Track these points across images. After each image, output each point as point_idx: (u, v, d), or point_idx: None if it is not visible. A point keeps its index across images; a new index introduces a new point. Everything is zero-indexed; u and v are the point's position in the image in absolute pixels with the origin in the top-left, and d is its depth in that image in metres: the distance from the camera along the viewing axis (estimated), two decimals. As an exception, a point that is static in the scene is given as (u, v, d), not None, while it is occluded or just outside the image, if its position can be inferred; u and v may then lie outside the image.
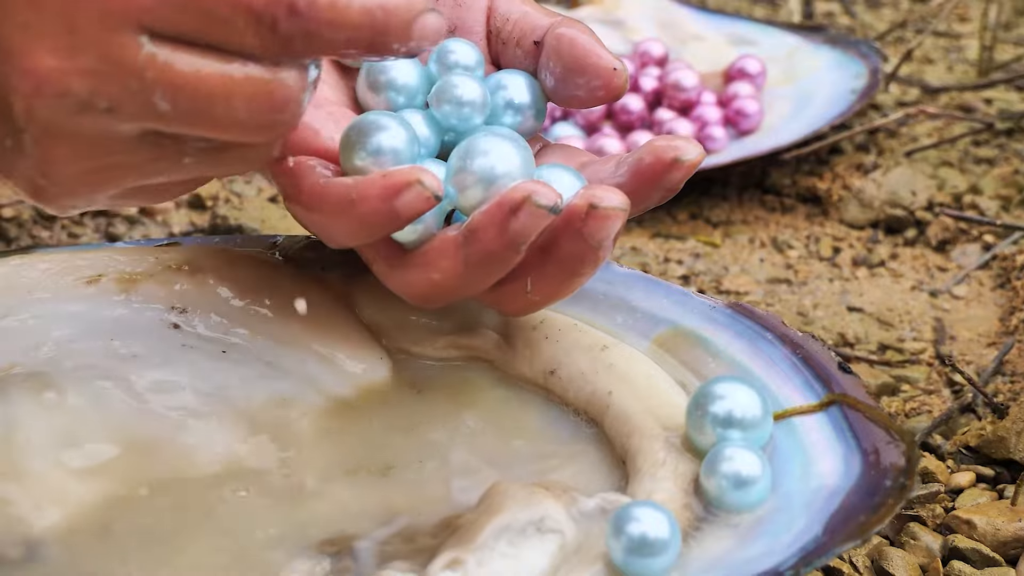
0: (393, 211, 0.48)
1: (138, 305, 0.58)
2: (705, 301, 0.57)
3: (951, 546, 0.58)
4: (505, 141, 0.50)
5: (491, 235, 0.48)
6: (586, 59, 0.54)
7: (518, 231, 0.48)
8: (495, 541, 0.45)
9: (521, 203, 0.47)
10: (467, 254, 0.49)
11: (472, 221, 0.49)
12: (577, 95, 0.55)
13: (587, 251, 0.49)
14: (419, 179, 0.48)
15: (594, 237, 0.49)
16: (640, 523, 0.44)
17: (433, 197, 0.48)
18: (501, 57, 0.58)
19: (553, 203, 0.47)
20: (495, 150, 0.50)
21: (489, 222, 0.48)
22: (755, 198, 0.95)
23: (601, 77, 0.54)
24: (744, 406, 0.49)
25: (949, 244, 0.88)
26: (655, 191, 0.52)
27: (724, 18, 1.14)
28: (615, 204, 0.48)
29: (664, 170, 0.51)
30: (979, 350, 0.76)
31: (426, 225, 0.51)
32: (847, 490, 0.47)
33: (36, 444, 0.50)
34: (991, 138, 1.02)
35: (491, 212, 0.48)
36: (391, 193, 0.48)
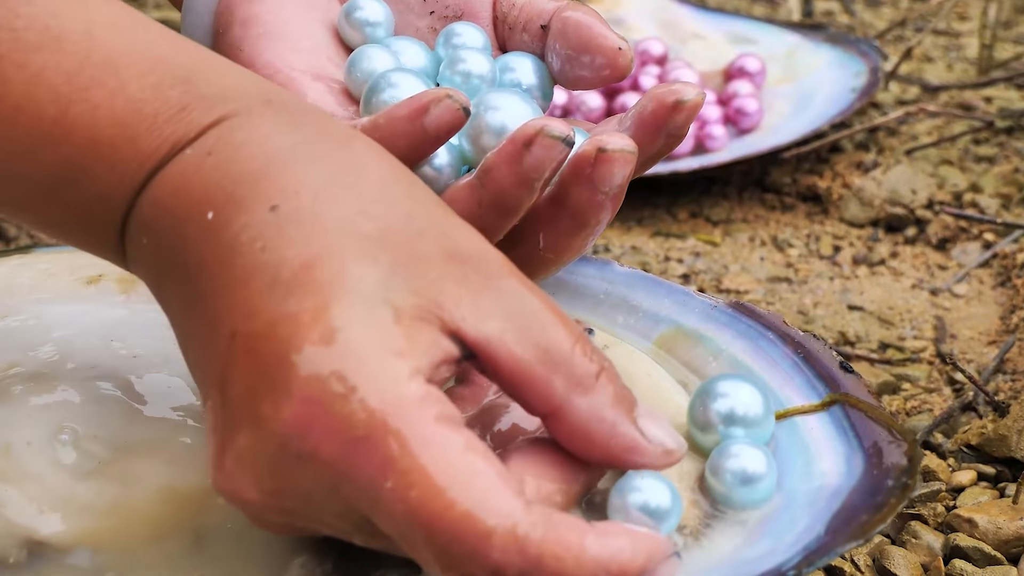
0: (423, 130, 0.48)
1: (139, 305, 0.58)
2: (706, 300, 0.57)
3: (952, 545, 0.58)
4: (515, 96, 0.51)
5: (505, 172, 0.48)
6: (592, 40, 0.54)
7: (532, 165, 0.48)
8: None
9: (534, 136, 0.47)
10: (482, 196, 0.49)
11: (486, 161, 0.49)
12: (583, 75, 0.55)
13: (598, 198, 0.49)
14: (448, 93, 0.48)
15: (604, 182, 0.49)
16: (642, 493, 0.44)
17: (461, 110, 0.48)
18: (508, 42, 0.58)
19: (565, 134, 0.47)
20: (506, 105, 0.51)
21: (503, 159, 0.48)
22: (755, 197, 0.95)
23: (607, 56, 0.54)
24: (746, 404, 0.49)
25: (949, 242, 0.88)
26: (660, 137, 0.51)
27: (724, 16, 1.14)
28: (622, 146, 0.48)
29: (667, 114, 0.51)
30: (980, 348, 0.76)
31: (446, 176, 0.51)
32: (849, 490, 0.47)
33: (36, 446, 0.50)
34: (991, 136, 1.02)
35: (504, 149, 0.48)
36: (420, 110, 0.48)
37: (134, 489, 0.49)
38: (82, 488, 0.49)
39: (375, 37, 0.57)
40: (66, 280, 0.58)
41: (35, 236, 0.85)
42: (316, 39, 0.56)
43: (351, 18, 0.57)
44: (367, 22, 0.57)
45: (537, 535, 0.39)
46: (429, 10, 0.59)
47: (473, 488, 0.39)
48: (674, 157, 0.94)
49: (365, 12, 0.57)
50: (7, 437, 0.50)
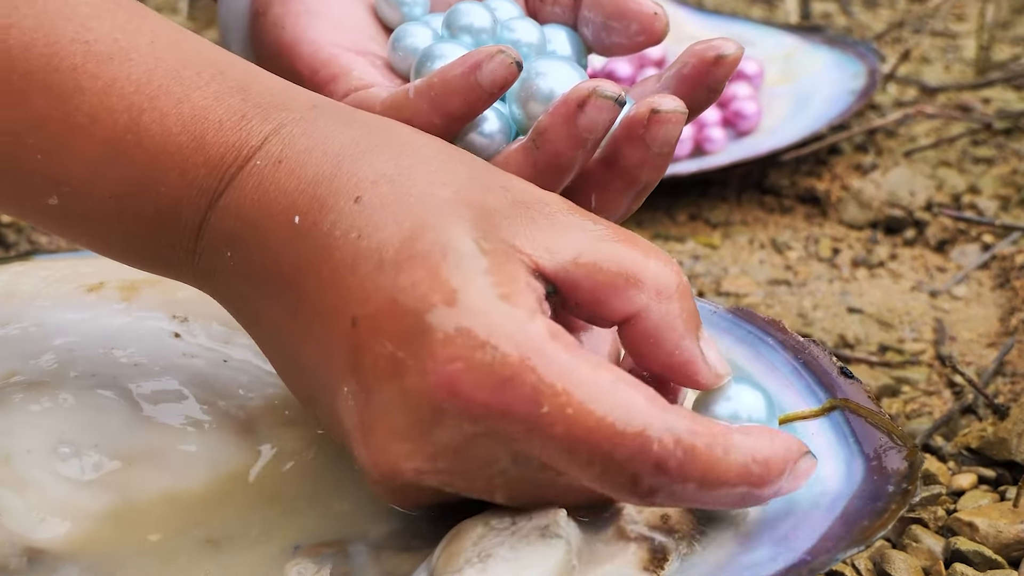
0: (477, 86, 0.50)
1: (139, 313, 0.58)
2: (706, 306, 0.57)
3: (953, 548, 0.58)
4: (563, 62, 0.52)
5: (561, 133, 0.50)
6: (626, 7, 0.55)
7: (586, 126, 0.49)
8: (497, 547, 0.45)
9: (587, 97, 0.49)
10: (536, 158, 0.50)
11: (540, 123, 0.50)
12: (619, 42, 0.56)
13: (650, 157, 0.51)
14: (500, 49, 0.49)
15: (657, 142, 0.50)
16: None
17: (515, 64, 0.49)
18: (539, 13, 0.59)
19: (617, 94, 0.49)
20: (554, 71, 0.52)
21: (558, 120, 0.50)
22: (754, 199, 0.95)
23: (641, 22, 0.55)
24: (750, 407, 0.49)
25: (948, 244, 0.88)
26: (701, 92, 0.53)
27: (722, 18, 1.14)
28: (674, 107, 0.50)
29: (708, 69, 0.52)
30: (979, 350, 0.76)
31: (496, 141, 0.52)
32: (850, 495, 0.47)
33: (36, 454, 0.50)
34: (989, 138, 1.02)
35: (558, 110, 0.50)
36: (474, 67, 0.49)
37: (134, 497, 0.49)
38: (82, 496, 0.49)
39: (412, 15, 0.58)
40: (67, 287, 0.58)
41: (34, 242, 0.85)
42: (356, 18, 0.58)
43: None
44: (404, 1, 0.58)
45: (687, 427, 0.42)
46: None
47: (618, 398, 0.42)
48: (673, 160, 0.94)
49: None
50: (7, 445, 0.50)
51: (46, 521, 0.48)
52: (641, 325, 0.46)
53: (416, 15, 0.58)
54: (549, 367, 0.42)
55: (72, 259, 0.60)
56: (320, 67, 0.55)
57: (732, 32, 1.11)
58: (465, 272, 0.43)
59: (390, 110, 0.52)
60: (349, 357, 0.44)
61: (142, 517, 0.49)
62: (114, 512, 0.49)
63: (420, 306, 0.43)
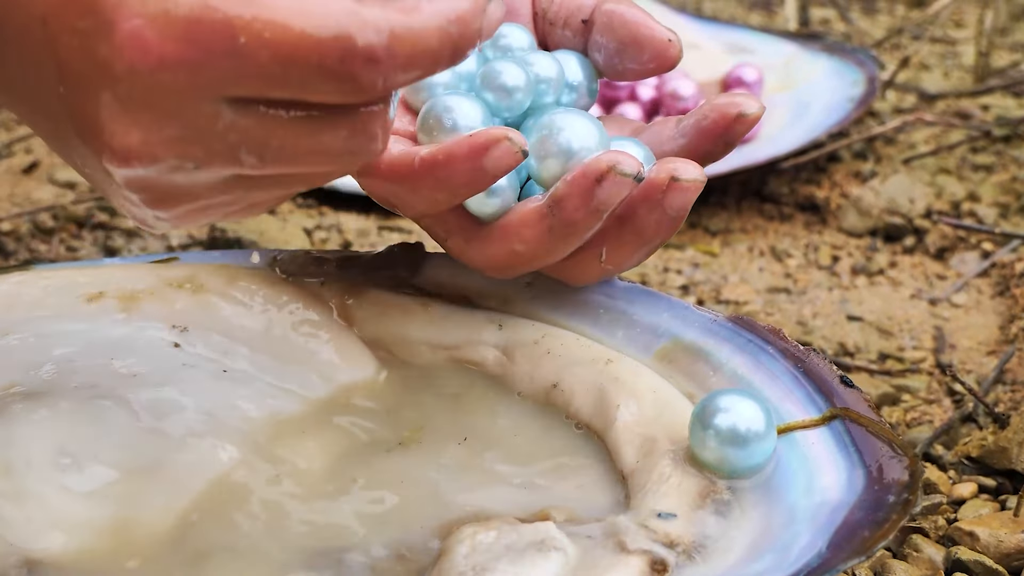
0: (481, 169, 0.50)
1: (139, 323, 0.57)
2: (706, 314, 0.57)
3: (954, 558, 0.58)
4: (581, 117, 0.53)
5: (576, 204, 0.51)
6: (639, 32, 0.56)
7: (602, 199, 0.50)
8: (495, 561, 0.44)
9: (606, 172, 0.50)
10: (552, 223, 0.52)
11: (557, 191, 0.51)
12: (631, 68, 0.57)
13: (665, 221, 0.52)
14: (507, 135, 0.50)
15: (673, 208, 0.52)
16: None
17: (520, 152, 0.50)
18: (548, 37, 0.59)
19: (636, 171, 0.50)
20: (572, 125, 0.53)
21: (575, 191, 0.51)
22: (753, 206, 0.95)
23: (655, 48, 0.56)
24: (748, 419, 0.49)
25: (948, 252, 0.88)
26: (718, 147, 0.54)
27: (721, 26, 1.15)
28: (695, 176, 0.52)
29: (728, 126, 0.54)
30: (979, 358, 0.76)
31: (504, 198, 0.53)
32: (850, 505, 0.47)
33: (36, 465, 0.50)
34: (988, 145, 1.02)
35: (576, 181, 0.51)
36: (479, 151, 0.50)
37: (134, 508, 0.49)
38: (82, 507, 0.49)
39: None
40: (67, 297, 0.58)
41: (34, 250, 0.85)
42: None
43: None
44: None
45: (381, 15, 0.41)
46: None
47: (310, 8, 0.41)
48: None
49: None
50: (7, 456, 0.50)
51: (45, 532, 0.48)
52: None
53: None
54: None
55: (71, 269, 0.60)
56: None
57: (731, 39, 1.11)
58: None
59: (396, 175, 0.52)
60: (51, 59, 0.42)
61: (141, 528, 0.49)
62: (113, 523, 0.49)
63: None
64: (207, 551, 0.48)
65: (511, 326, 0.58)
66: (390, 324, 0.58)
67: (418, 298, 0.59)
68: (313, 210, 0.93)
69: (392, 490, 0.52)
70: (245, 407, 0.54)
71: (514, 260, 0.54)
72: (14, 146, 1.01)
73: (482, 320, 0.58)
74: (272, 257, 0.61)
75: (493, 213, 0.54)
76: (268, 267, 0.61)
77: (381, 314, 0.59)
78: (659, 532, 0.47)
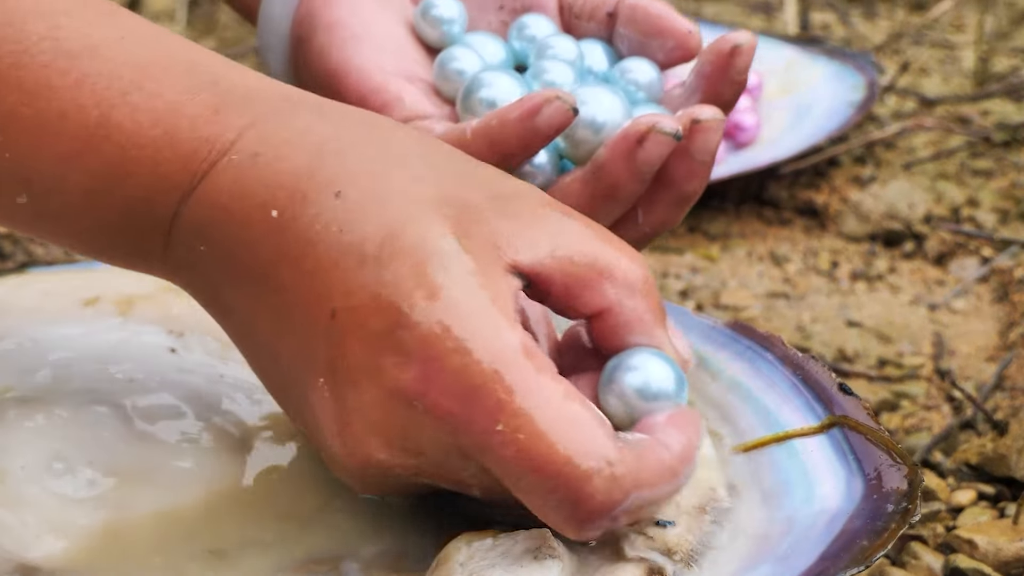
0: (534, 129, 0.51)
1: (135, 328, 0.57)
2: (704, 320, 0.56)
3: (953, 566, 0.57)
4: (605, 90, 0.54)
5: (620, 167, 0.52)
6: (661, 25, 0.58)
7: (645, 160, 0.52)
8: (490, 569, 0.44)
9: (647, 132, 0.51)
10: (595, 189, 0.53)
11: (599, 157, 0.53)
12: (655, 58, 0.59)
13: (695, 167, 0.54)
14: (557, 95, 0.51)
15: (700, 151, 0.53)
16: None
17: (571, 110, 0.51)
18: (574, 30, 0.61)
19: (676, 130, 0.51)
20: (596, 99, 0.54)
21: (616, 155, 0.52)
22: (753, 211, 0.95)
23: (677, 39, 0.58)
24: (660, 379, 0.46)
25: (947, 257, 0.88)
26: (726, 86, 0.56)
27: (721, 29, 1.14)
28: (713, 115, 0.53)
29: (728, 62, 0.55)
30: (978, 365, 0.76)
31: (546, 174, 0.54)
32: (849, 514, 0.46)
33: (31, 470, 0.49)
34: (988, 150, 1.02)
35: (617, 145, 0.52)
36: (532, 112, 0.51)
37: (129, 514, 0.49)
38: (77, 513, 0.49)
39: (451, 33, 0.60)
40: (63, 301, 0.58)
41: (31, 252, 0.85)
42: (398, 39, 0.59)
43: (428, 16, 0.60)
44: (443, 19, 0.59)
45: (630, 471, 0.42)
46: (499, 4, 0.62)
47: (574, 433, 0.42)
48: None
49: (440, 9, 0.60)
50: (2, 462, 0.50)
51: (41, 538, 0.48)
52: (612, 319, 0.46)
53: (455, 33, 0.60)
54: (516, 386, 0.42)
55: (68, 272, 0.60)
56: (370, 95, 0.56)
57: (731, 43, 1.11)
58: (448, 270, 0.43)
59: None
60: (327, 349, 0.44)
61: (137, 534, 0.49)
62: (108, 529, 0.48)
63: (402, 301, 0.43)
64: (199, 558, 0.48)
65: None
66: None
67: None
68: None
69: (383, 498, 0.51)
70: (241, 413, 0.54)
71: None
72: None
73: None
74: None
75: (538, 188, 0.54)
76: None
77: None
78: (657, 540, 0.46)
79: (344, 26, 0.58)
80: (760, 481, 0.50)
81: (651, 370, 0.46)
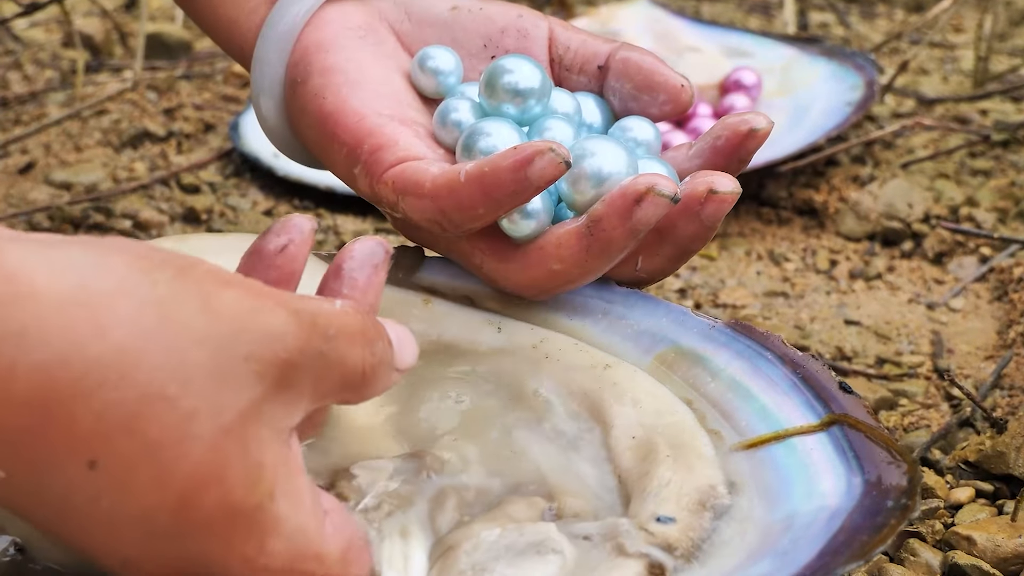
0: (525, 179, 0.52)
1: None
2: (704, 320, 0.56)
3: (951, 563, 0.57)
4: (611, 143, 0.55)
5: (615, 223, 0.53)
6: (653, 78, 0.59)
7: (640, 219, 0.52)
8: (494, 562, 0.44)
9: (645, 193, 0.52)
10: (590, 243, 0.53)
11: (595, 211, 0.53)
12: (648, 111, 0.60)
13: (701, 231, 0.55)
14: (550, 147, 0.51)
15: (711, 219, 0.55)
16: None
17: (564, 164, 0.52)
18: (564, 82, 0.62)
19: (674, 193, 0.52)
20: (603, 151, 0.55)
21: (613, 212, 0.53)
22: (751, 210, 0.95)
23: (669, 93, 0.59)
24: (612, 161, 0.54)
25: (946, 256, 0.88)
26: (732, 164, 0.57)
27: (719, 30, 1.14)
28: (731, 188, 0.54)
29: (741, 143, 0.56)
30: (977, 363, 0.76)
31: (539, 220, 0.55)
32: (849, 510, 0.47)
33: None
34: (987, 149, 1.02)
35: (614, 202, 0.53)
36: (524, 163, 0.52)
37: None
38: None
39: (447, 84, 0.61)
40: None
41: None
42: (394, 86, 0.60)
43: (424, 67, 0.61)
44: (439, 71, 0.61)
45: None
46: (490, 55, 0.62)
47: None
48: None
49: (437, 62, 0.61)
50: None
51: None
52: None
53: (451, 84, 0.61)
54: None
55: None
56: (365, 137, 0.56)
57: (729, 43, 1.11)
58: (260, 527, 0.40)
59: (442, 190, 0.53)
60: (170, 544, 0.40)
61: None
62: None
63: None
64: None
65: (510, 329, 0.58)
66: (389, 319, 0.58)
67: (420, 294, 0.59)
68: (310, 212, 0.93)
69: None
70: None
71: (552, 279, 0.55)
72: (10, 147, 1.01)
73: (481, 322, 0.58)
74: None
75: (529, 234, 0.55)
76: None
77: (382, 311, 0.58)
78: (658, 536, 0.47)
79: (340, 71, 0.58)
80: (760, 478, 0.50)
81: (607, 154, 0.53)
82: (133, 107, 1.08)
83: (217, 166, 1.00)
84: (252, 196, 0.95)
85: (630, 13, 1.14)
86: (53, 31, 1.32)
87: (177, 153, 1.02)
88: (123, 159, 1.00)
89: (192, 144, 1.04)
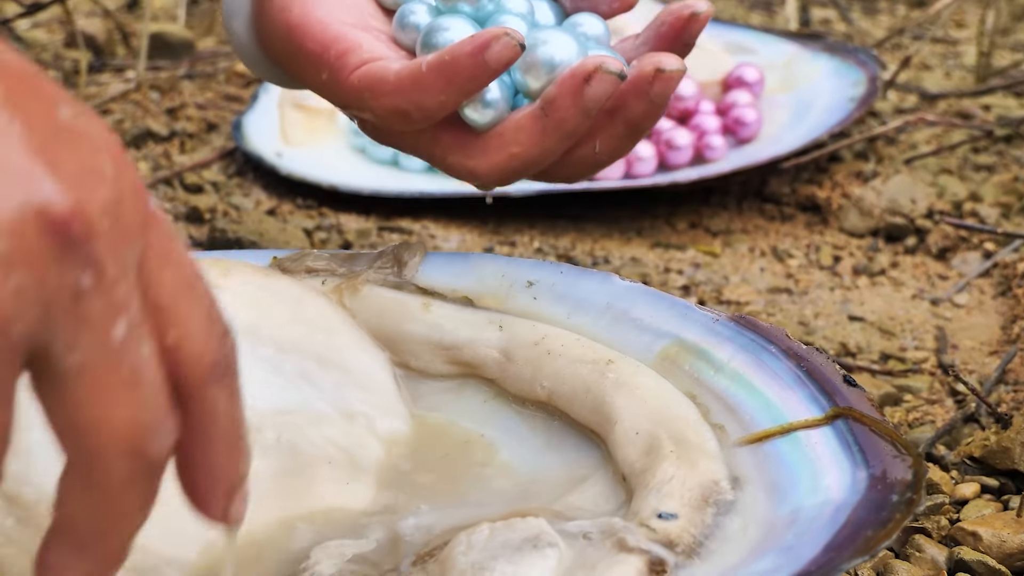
0: (484, 63, 0.55)
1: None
2: (708, 314, 0.56)
3: (957, 558, 0.57)
4: (562, 32, 0.58)
5: (568, 103, 0.56)
6: None
7: (591, 97, 0.55)
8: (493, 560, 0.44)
9: (594, 72, 0.55)
10: (545, 124, 0.56)
11: (548, 93, 0.56)
12: (598, 8, 0.62)
13: (652, 109, 0.58)
14: (505, 32, 0.54)
15: (659, 96, 0.57)
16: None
17: (518, 46, 0.54)
18: None
19: (620, 70, 0.55)
20: (554, 39, 0.58)
21: (565, 91, 0.56)
22: (754, 207, 0.95)
23: None
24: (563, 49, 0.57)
25: (949, 252, 0.88)
26: (677, 48, 0.60)
27: (721, 26, 1.14)
28: (677, 66, 0.57)
29: (684, 27, 0.60)
30: (981, 359, 0.76)
31: (498, 109, 0.58)
32: (854, 505, 0.46)
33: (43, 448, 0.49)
34: (990, 145, 1.02)
35: (566, 83, 0.56)
36: (482, 46, 0.55)
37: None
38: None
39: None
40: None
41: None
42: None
43: None
44: None
45: None
46: None
47: None
48: (673, 168, 0.94)
49: None
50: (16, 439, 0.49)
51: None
52: None
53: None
54: None
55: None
56: (331, 44, 0.59)
57: (732, 39, 1.11)
58: None
59: (406, 81, 0.56)
60: None
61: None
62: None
63: None
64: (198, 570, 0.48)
65: (511, 327, 0.57)
66: (389, 324, 0.58)
67: (418, 297, 0.59)
68: (313, 211, 0.92)
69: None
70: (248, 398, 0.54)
71: (513, 163, 0.58)
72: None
73: (482, 321, 0.58)
74: (272, 257, 0.61)
75: (489, 122, 0.58)
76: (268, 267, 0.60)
77: (381, 313, 0.58)
78: (659, 532, 0.46)
79: None
80: (764, 473, 0.49)
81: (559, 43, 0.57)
82: (136, 107, 1.07)
83: (220, 165, 0.99)
84: (255, 195, 0.95)
85: (633, 10, 1.14)
86: (55, 31, 1.32)
87: (180, 153, 1.02)
88: (125, 159, 1.00)
89: (195, 144, 1.03)
